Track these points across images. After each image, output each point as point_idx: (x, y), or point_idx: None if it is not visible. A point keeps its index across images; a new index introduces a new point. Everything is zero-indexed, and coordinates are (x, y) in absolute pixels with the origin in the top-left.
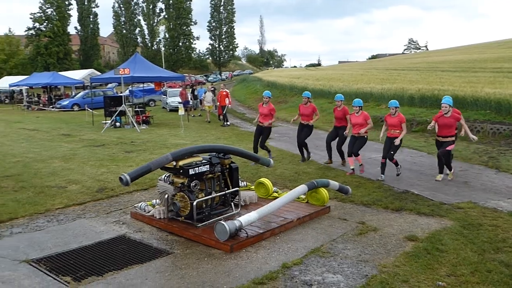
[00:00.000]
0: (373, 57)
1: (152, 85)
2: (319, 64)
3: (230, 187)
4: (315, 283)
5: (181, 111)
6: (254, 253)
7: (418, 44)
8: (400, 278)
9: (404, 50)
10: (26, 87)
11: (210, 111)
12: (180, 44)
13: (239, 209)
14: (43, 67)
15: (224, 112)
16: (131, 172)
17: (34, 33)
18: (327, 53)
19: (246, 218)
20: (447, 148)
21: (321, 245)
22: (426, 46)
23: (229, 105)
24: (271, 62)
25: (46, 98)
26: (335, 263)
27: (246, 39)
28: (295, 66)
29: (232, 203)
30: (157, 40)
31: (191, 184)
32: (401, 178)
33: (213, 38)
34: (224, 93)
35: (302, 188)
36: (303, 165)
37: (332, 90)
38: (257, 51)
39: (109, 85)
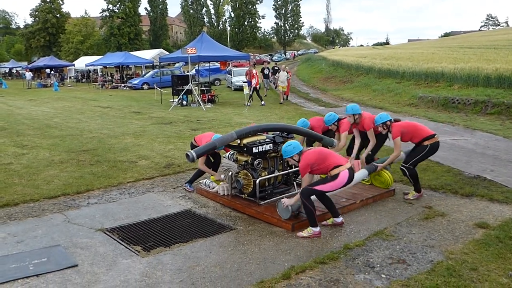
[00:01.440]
0: (446, 35)
1: (217, 65)
2: (387, 43)
3: (293, 166)
4: (377, 265)
5: (246, 90)
6: None
7: (497, 20)
8: (469, 266)
9: (481, 27)
10: (101, 66)
11: (283, 91)
12: (246, 23)
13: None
14: (116, 47)
15: (250, 93)
16: (197, 149)
17: (108, 14)
18: (396, 32)
19: None
20: None
21: (384, 228)
22: (506, 22)
23: (257, 86)
24: (336, 41)
25: (118, 77)
26: (399, 247)
27: (311, 17)
28: (361, 45)
29: (294, 183)
30: (223, 20)
31: (255, 162)
32: (472, 162)
33: (278, 16)
34: (254, 72)
35: (362, 173)
36: None
37: (400, 69)
38: (323, 29)
39: (177, 65)
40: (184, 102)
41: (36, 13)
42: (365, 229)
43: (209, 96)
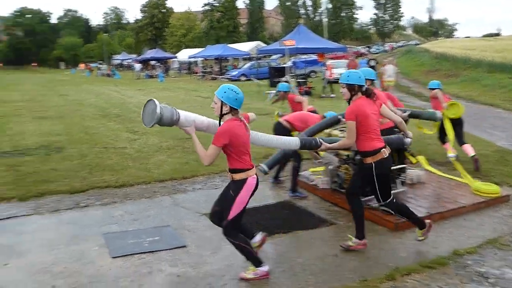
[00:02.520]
0: None
1: (313, 57)
2: (497, 34)
3: (396, 163)
4: (492, 276)
5: None
6: None
7: None
8: None
9: None
10: (201, 58)
11: (391, 86)
12: (343, 14)
13: (405, 188)
14: (215, 40)
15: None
16: (268, 162)
17: (208, 8)
18: (509, 21)
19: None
20: None
21: (499, 236)
22: None
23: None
24: (440, 32)
25: (217, 69)
26: None
27: (413, 7)
28: (468, 37)
29: (397, 180)
30: (319, 11)
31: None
32: None
33: (377, 7)
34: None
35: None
36: (479, 146)
37: None
38: (425, 20)
39: (273, 56)
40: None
41: (145, 8)
42: (476, 236)
43: (305, 88)
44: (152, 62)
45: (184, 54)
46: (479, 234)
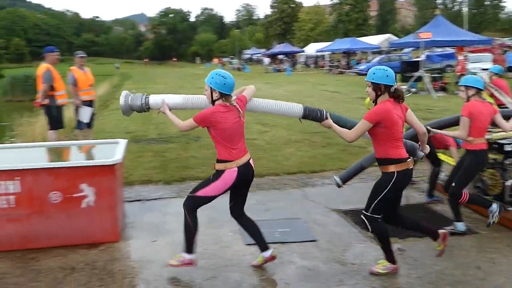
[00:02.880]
0: None
1: (450, 50)
2: None
3: None
4: None
5: (486, 78)
6: None
7: None
8: None
9: None
10: (329, 52)
11: None
12: (487, 3)
13: None
14: (343, 33)
15: None
16: (343, 175)
17: (337, 1)
18: None
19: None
20: None
21: None
22: None
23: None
24: None
25: (345, 63)
26: None
27: None
28: None
29: None
30: (459, 1)
31: (506, 162)
32: None
33: None
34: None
35: None
36: None
37: None
38: None
39: (405, 50)
40: (413, 89)
41: (275, 4)
42: None
43: (441, 84)
44: (280, 56)
45: (312, 48)
46: None
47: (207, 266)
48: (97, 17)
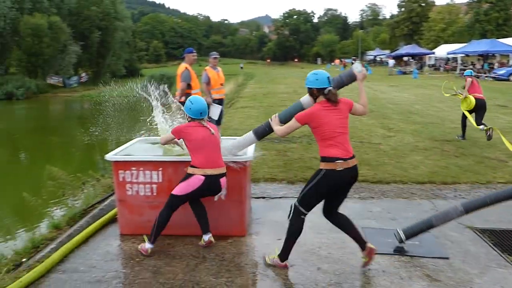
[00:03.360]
0: None
1: None
2: None
3: None
4: None
5: None
6: None
7: None
8: None
9: None
10: (462, 55)
11: None
12: None
13: None
14: (480, 34)
15: None
16: (408, 231)
17: None
18: None
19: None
20: None
21: None
22: None
23: None
24: None
25: (481, 66)
26: None
27: None
28: None
29: None
30: None
31: None
32: None
33: None
34: None
35: None
36: None
37: None
38: None
39: None
40: None
41: (403, 3)
42: None
43: None
44: (406, 58)
45: (442, 50)
46: None
47: (331, 270)
48: (225, 19)
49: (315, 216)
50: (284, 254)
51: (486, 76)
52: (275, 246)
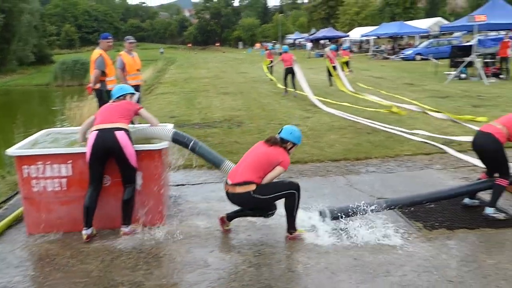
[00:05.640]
0: None
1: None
2: None
3: None
4: None
5: None
6: None
7: None
8: None
9: None
10: (374, 37)
11: None
12: None
13: None
14: (390, 17)
15: None
16: (337, 209)
17: None
18: None
19: None
20: None
21: None
22: None
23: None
24: None
25: (390, 48)
26: None
27: None
28: None
29: None
30: None
31: None
32: None
33: None
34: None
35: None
36: None
37: None
38: None
39: (455, 34)
40: (463, 75)
41: None
42: None
43: (494, 69)
44: (323, 41)
45: (356, 33)
46: None
47: (250, 253)
48: (143, 2)
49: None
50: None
51: (395, 57)
52: (196, 233)
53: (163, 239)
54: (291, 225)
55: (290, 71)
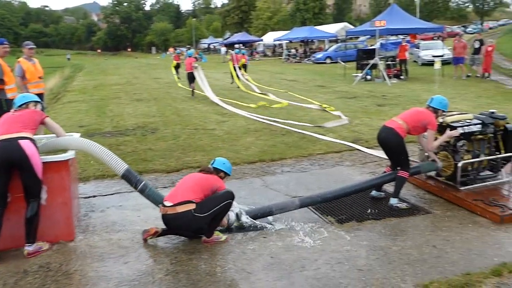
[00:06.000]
0: None
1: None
2: None
3: (503, 151)
4: None
5: (437, 65)
6: None
7: None
8: None
9: None
10: (287, 41)
11: None
12: None
13: (510, 178)
14: (301, 22)
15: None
16: (248, 210)
17: None
18: None
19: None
20: None
21: None
22: None
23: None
24: None
25: (302, 52)
26: None
27: None
28: None
29: (502, 170)
30: None
31: (458, 144)
32: None
33: None
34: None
35: None
36: None
37: None
38: None
39: (360, 38)
40: (368, 77)
41: None
42: None
43: (395, 71)
44: (237, 46)
45: (270, 37)
46: None
47: (167, 260)
48: (46, 6)
49: (149, 210)
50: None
51: (308, 60)
52: (110, 245)
53: (74, 255)
54: (211, 229)
55: (190, 75)
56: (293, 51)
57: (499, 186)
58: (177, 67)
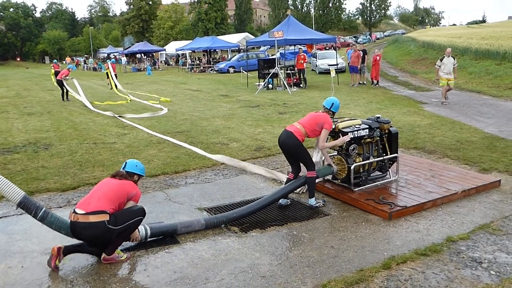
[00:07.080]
0: None
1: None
2: (483, 21)
3: (389, 152)
4: (485, 261)
5: (333, 73)
6: (414, 223)
7: None
8: None
9: None
10: (189, 51)
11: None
12: (330, 5)
13: (396, 176)
14: (203, 32)
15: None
16: (154, 226)
17: (196, 0)
18: (493, 9)
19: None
20: None
21: (490, 222)
22: None
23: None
24: (426, 20)
25: (206, 61)
26: (509, 242)
27: None
28: (454, 25)
29: (389, 170)
30: (307, 2)
31: (349, 148)
32: None
33: None
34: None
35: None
36: (467, 133)
37: (501, 50)
38: (411, 9)
39: (262, 48)
40: (270, 86)
41: (131, 1)
42: (468, 222)
43: (294, 80)
44: (138, 55)
45: (172, 47)
46: (471, 219)
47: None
48: None
49: (45, 233)
50: None
51: (211, 70)
52: None
53: None
54: (114, 247)
55: (59, 82)
56: (191, 61)
57: (388, 185)
58: (56, 74)
